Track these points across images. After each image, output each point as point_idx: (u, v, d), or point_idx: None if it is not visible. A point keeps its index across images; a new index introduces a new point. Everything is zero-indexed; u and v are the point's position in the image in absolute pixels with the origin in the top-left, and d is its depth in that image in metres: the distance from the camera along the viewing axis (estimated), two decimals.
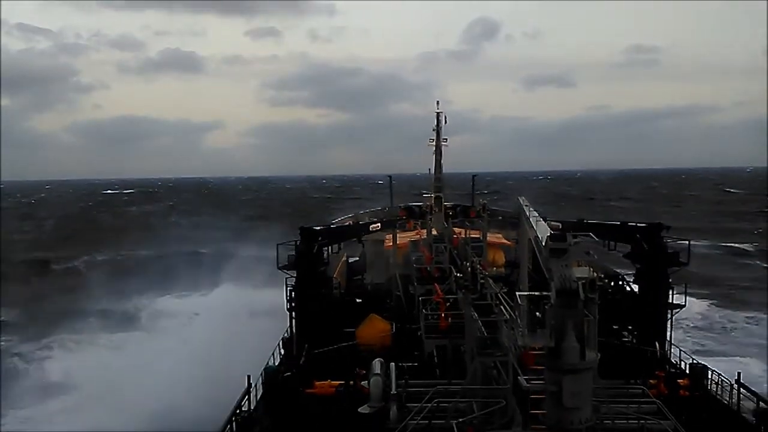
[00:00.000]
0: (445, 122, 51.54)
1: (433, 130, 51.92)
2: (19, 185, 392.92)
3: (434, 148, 52.47)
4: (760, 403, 22.22)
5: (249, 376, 24.34)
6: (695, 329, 54.14)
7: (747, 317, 58.09)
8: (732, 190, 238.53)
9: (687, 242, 33.52)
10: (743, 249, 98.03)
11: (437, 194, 52.30)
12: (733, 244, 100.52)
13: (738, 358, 44.92)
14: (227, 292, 61.72)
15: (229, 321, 48.50)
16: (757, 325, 55.51)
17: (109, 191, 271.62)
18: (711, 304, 62.33)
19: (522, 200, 27.08)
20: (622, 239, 33.64)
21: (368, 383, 21.05)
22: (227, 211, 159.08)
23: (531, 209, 24.66)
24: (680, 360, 28.65)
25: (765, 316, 56.73)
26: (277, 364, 28.22)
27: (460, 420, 17.27)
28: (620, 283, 35.00)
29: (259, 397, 24.58)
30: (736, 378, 23.88)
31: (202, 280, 68.06)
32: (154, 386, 36.04)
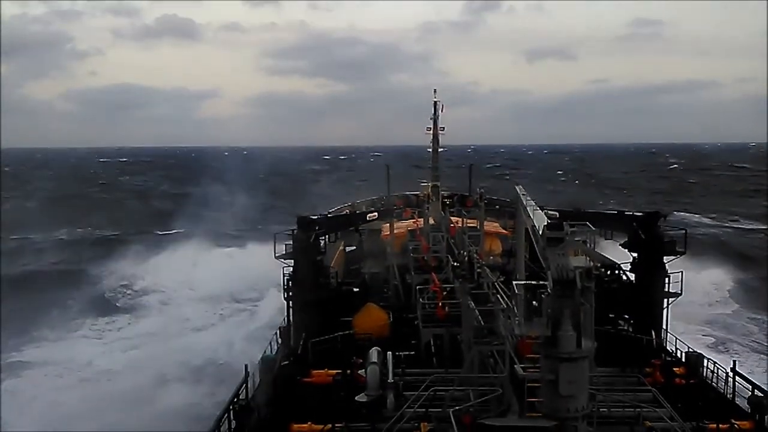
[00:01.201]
0: (442, 110, 51.38)
1: (431, 118, 51.77)
2: (14, 153, 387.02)
3: (431, 137, 52.29)
4: (755, 391, 22.34)
5: (246, 365, 24.39)
6: None
7: None
8: (744, 165, 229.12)
9: (683, 231, 33.67)
10: None
11: (434, 183, 52.21)
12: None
13: None
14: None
15: None
16: None
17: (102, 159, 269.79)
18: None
19: (519, 189, 27.01)
20: (619, 228, 33.72)
21: (365, 372, 21.10)
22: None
23: (528, 198, 24.61)
24: (676, 348, 28.78)
25: None
26: (274, 353, 28.28)
27: (457, 408, 17.35)
28: (617, 272, 35.10)
29: (256, 386, 24.65)
30: (731, 366, 24.01)
31: None
32: None
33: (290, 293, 31.78)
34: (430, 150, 52.83)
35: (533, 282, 17.92)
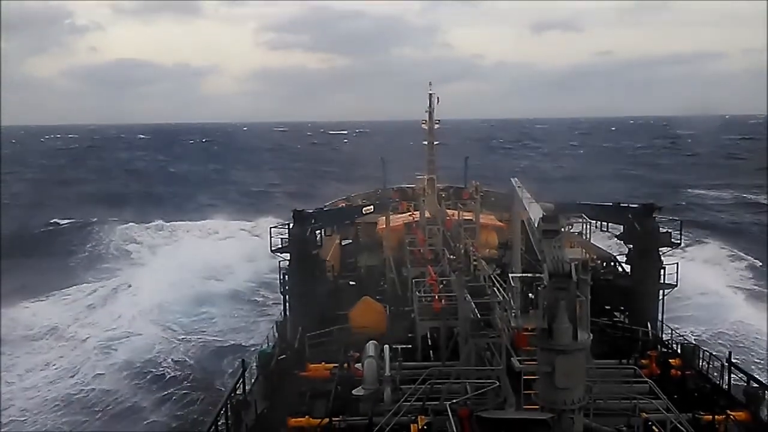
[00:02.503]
0: (438, 102, 51.19)
1: (426, 111, 51.56)
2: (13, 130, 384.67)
3: (426, 129, 52.12)
4: (751, 381, 22.44)
5: (243, 360, 24.32)
6: None
7: None
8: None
9: (679, 222, 33.72)
10: None
11: (430, 176, 52.12)
12: None
13: None
14: None
15: None
16: None
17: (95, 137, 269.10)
18: None
19: (515, 181, 27.00)
20: (614, 220, 33.73)
21: (362, 366, 21.10)
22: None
23: (524, 190, 24.61)
24: (672, 340, 28.86)
25: None
26: (271, 347, 28.26)
27: (454, 401, 17.37)
28: (612, 264, 35.15)
29: (253, 380, 24.64)
30: (726, 357, 24.10)
31: None
32: None
33: (286, 287, 31.75)
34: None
35: (529, 274, 17.94)
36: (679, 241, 31.82)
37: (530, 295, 16.75)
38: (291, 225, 31.84)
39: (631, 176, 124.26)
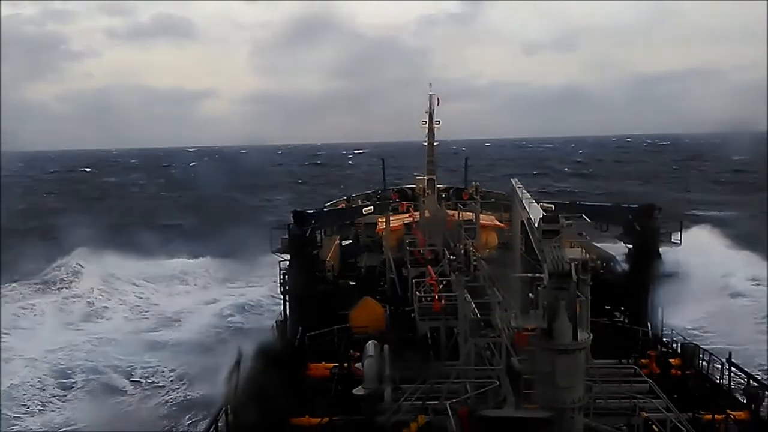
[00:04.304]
0: (438, 103, 51.32)
1: (426, 112, 51.67)
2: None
3: (426, 130, 52.22)
4: (751, 381, 22.46)
5: (238, 359, 24.32)
6: None
7: None
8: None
9: (679, 222, 33.75)
10: None
11: (430, 176, 52.18)
12: None
13: None
14: None
15: None
16: None
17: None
18: None
19: (515, 182, 27.04)
20: (614, 220, 33.77)
21: (362, 365, 21.13)
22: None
23: (524, 191, 24.64)
24: (672, 339, 28.88)
25: None
26: (271, 346, 28.25)
27: (454, 401, 17.39)
28: (612, 263, 35.18)
29: (254, 380, 24.63)
30: (727, 357, 24.11)
31: None
32: None
33: (286, 288, 31.78)
34: (425, 144, 52.67)
35: (529, 274, 17.96)
36: (679, 241, 31.86)
37: (530, 294, 16.78)
38: (291, 225, 31.90)
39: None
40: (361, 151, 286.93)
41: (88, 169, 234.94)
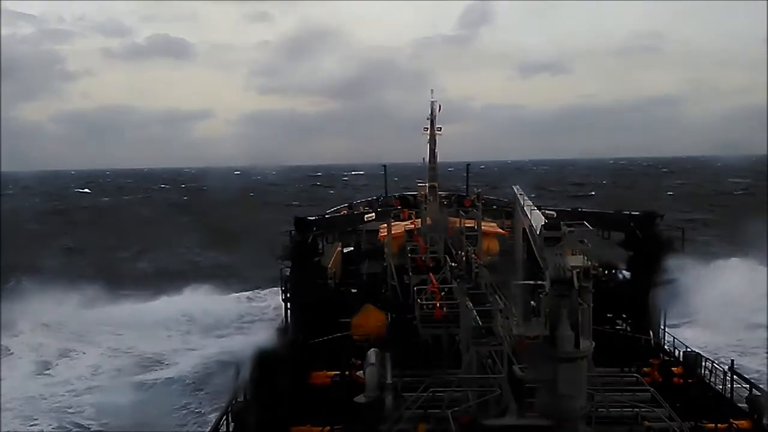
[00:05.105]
0: (439, 110, 51.33)
1: (428, 119, 51.66)
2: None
3: (428, 137, 52.22)
4: (753, 390, 22.37)
5: (237, 367, 24.30)
6: None
7: None
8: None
9: (681, 230, 33.71)
10: None
11: (432, 183, 52.16)
12: None
13: None
14: None
15: None
16: None
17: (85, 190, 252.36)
18: None
19: (516, 189, 27.04)
20: (616, 228, 33.74)
21: (364, 373, 21.08)
22: None
23: (525, 198, 24.65)
24: (674, 348, 28.80)
25: None
26: (272, 354, 28.21)
27: (456, 409, 17.34)
28: (614, 271, 35.11)
29: (254, 387, 24.58)
30: (729, 366, 24.03)
31: None
32: None
33: (288, 294, 31.75)
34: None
35: (531, 282, 17.93)
36: (681, 249, 31.81)
37: (532, 302, 16.74)
38: (292, 232, 31.90)
39: None
40: (360, 173, 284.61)
41: (87, 190, 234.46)
